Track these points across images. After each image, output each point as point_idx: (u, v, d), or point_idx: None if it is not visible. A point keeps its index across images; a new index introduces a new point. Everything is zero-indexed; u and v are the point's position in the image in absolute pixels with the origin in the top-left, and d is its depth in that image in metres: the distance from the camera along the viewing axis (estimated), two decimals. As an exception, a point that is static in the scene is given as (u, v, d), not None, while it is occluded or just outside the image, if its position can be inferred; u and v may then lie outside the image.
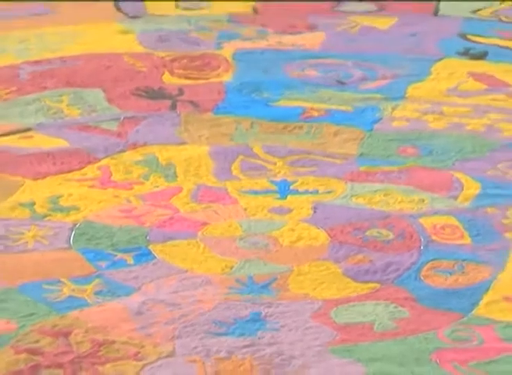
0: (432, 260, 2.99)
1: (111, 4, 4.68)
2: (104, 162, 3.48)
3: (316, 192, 3.33)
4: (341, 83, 4.01)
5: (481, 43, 4.31)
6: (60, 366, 2.54)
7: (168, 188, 3.35)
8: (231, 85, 4.03)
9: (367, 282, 2.88)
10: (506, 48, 4.26)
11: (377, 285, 2.87)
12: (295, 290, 2.85)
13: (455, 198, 3.31)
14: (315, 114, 3.81)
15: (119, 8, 4.65)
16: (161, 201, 3.28)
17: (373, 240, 3.08)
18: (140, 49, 4.31)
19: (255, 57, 4.23)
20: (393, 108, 3.85)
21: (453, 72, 4.11)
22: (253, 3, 4.72)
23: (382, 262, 2.97)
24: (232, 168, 3.46)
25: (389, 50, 4.29)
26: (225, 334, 2.65)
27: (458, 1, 4.70)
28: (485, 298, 2.82)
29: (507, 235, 3.09)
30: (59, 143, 3.60)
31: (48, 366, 2.54)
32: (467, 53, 4.25)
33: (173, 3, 4.73)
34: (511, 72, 4.08)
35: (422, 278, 2.91)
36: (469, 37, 4.36)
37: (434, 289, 2.87)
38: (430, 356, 2.59)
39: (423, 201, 3.28)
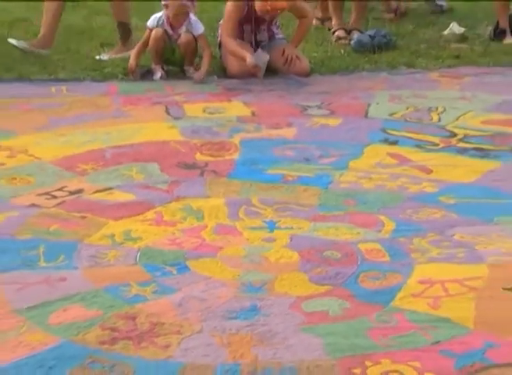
0: (365, 271, 2.99)
1: (163, 109, 4.69)
2: (158, 209, 3.47)
3: (291, 228, 3.32)
4: (307, 159, 4.01)
5: (394, 135, 4.32)
6: (130, 338, 2.54)
7: (198, 225, 3.34)
8: (238, 161, 4.02)
9: (324, 285, 2.89)
10: (410, 138, 4.27)
11: (330, 287, 2.87)
12: (278, 290, 2.86)
13: (379, 231, 3.30)
14: (290, 178, 3.81)
15: (168, 112, 4.65)
16: (194, 233, 3.27)
17: (328, 258, 3.08)
18: (181, 138, 4.29)
19: (254, 143, 4.23)
20: (340, 175, 3.84)
21: (377, 153, 4.11)
22: (252, 109, 4.72)
23: (333, 272, 2.97)
24: (239, 213, 3.45)
25: (337, 139, 4.29)
26: (235, 318, 2.66)
27: (381, 107, 4.71)
28: (399, 295, 2.82)
29: (412, 255, 3.09)
30: (130, 197, 3.60)
31: (122, 338, 2.53)
32: (386, 141, 4.24)
33: (201, 108, 4.72)
34: (414, 152, 4.08)
35: (359, 282, 2.91)
36: (387, 130, 4.36)
37: (366, 289, 2.87)
38: (364, 332, 2.59)
39: (359, 233, 3.27)
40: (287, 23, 5.84)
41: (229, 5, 5.26)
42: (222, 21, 5.34)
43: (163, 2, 5.12)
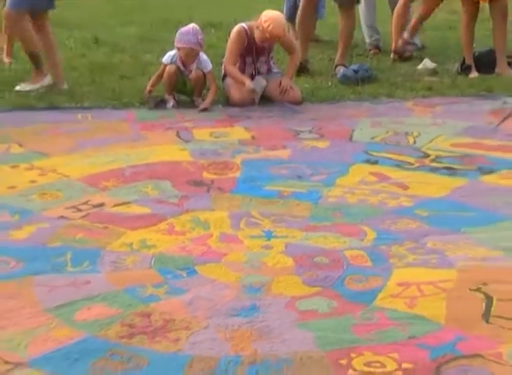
0: (350, 274, 2.98)
1: (174, 134, 4.69)
2: (170, 220, 3.46)
3: (286, 237, 3.32)
4: (299, 177, 4.01)
5: (375, 156, 4.32)
6: (145, 333, 2.54)
7: (205, 235, 3.33)
8: (240, 178, 4.02)
9: (315, 286, 2.89)
10: (389, 158, 4.27)
11: (320, 288, 2.87)
12: (275, 291, 2.86)
13: (362, 240, 3.30)
14: (285, 194, 3.80)
15: (179, 136, 4.64)
16: (201, 242, 3.26)
17: (318, 263, 3.07)
18: (190, 159, 4.28)
19: (253, 163, 4.23)
20: (328, 191, 3.83)
21: (360, 171, 4.10)
22: (251, 133, 4.73)
23: (323, 275, 2.97)
24: (240, 223, 3.45)
25: (326, 159, 4.27)
26: (236, 316, 2.65)
27: (363, 132, 4.72)
28: (379, 296, 2.82)
29: (391, 261, 3.09)
30: (146, 210, 3.59)
31: (139, 334, 2.53)
32: (368, 161, 4.24)
33: (208, 133, 4.73)
34: (392, 171, 4.07)
35: (345, 284, 2.91)
36: (369, 152, 4.36)
37: (351, 291, 2.87)
38: (349, 328, 2.59)
39: (345, 242, 3.27)
40: (282, 58, 5.84)
41: (231, 37, 5.28)
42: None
43: (176, 45, 5.15)
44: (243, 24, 5.27)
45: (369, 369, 2.34)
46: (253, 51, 5.30)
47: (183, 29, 5.20)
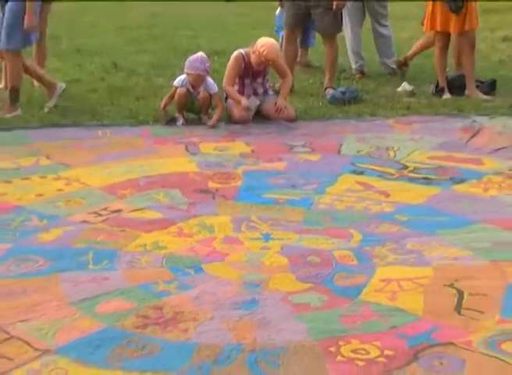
0: (338, 272, 2.98)
1: (183, 147, 4.69)
2: (179, 224, 3.46)
3: (282, 239, 3.31)
4: (293, 186, 4.01)
5: (361, 167, 4.32)
6: (157, 324, 2.53)
7: (210, 237, 3.33)
8: (241, 187, 4.01)
9: (307, 283, 2.88)
10: (372, 169, 4.26)
11: (312, 284, 2.87)
12: (272, 287, 2.85)
13: (349, 241, 3.29)
14: (281, 201, 3.80)
15: (187, 150, 4.63)
16: (206, 243, 3.26)
17: (310, 262, 3.07)
18: (197, 170, 4.28)
19: (253, 173, 4.22)
20: (319, 198, 3.83)
21: (347, 181, 4.09)
22: (251, 147, 4.73)
23: (314, 272, 2.97)
24: (241, 227, 3.44)
25: (317, 170, 4.26)
26: (238, 308, 2.65)
27: (350, 146, 4.71)
28: (364, 291, 2.82)
29: (374, 260, 3.09)
30: (158, 215, 3.59)
31: (152, 324, 2.53)
32: (354, 172, 4.24)
33: (213, 147, 4.72)
34: (376, 181, 4.06)
35: (334, 281, 2.91)
36: (355, 164, 4.35)
37: (340, 286, 2.87)
38: (338, 319, 2.59)
39: (334, 243, 3.27)
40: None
41: (230, 62, 5.29)
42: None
43: (186, 71, 5.17)
44: (241, 50, 5.29)
45: (355, 356, 2.34)
46: (250, 74, 5.30)
47: (192, 57, 5.21)
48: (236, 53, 5.29)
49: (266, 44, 5.13)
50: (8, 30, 5.11)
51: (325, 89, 5.99)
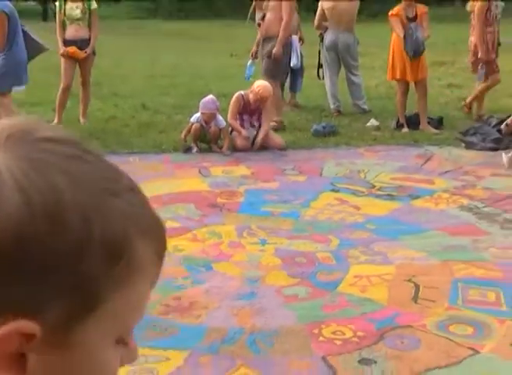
0: (320, 270, 2.98)
1: (197, 171, 4.69)
2: (193, 232, 3.45)
3: (276, 243, 3.31)
4: (285, 201, 4.00)
5: (338, 186, 4.31)
6: (177, 311, 2.52)
7: (218, 242, 3.33)
8: (243, 203, 4.01)
9: (296, 278, 2.87)
10: (347, 188, 4.26)
11: (300, 279, 2.87)
12: (268, 282, 2.85)
13: (329, 245, 3.29)
14: (275, 213, 3.79)
15: (200, 173, 4.63)
16: (215, 247, 3.26)
17: (298, 262, 3.06)
18: (208, 189, 4.28)
19: (252, 192, 4.22)
20: (305, 211, 3.83)
21: (327, 197, 4.07)
22: (251, 171, 4.73)
23: (301, 270, 2.96)
24: (243, 234, 3.44)
25: (303, 189, 4.27)
26: (240, 299, 2.64)
27: (330, 170, 4.70)
28: (341, 285, 2.81)
29: (349, 260, 3.08)
30: (177, 224, 3.55)
31: (172, 312, 2.51)
32: (333, 190, 4.23)
33: (221, 170, 4.72)
34: (350, 197, 4.05)
35: (317, 277, 2.90)
36: (334, 184, 4.35)
37: (321, 281, 2.86)
38: (320, 308, 2.58)
39: (317, 247, 3.26)
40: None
41: (232, 101, 5.33)
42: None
43: (200, 110, 5.19)
44: (241, 92, 5.34)
45: (334, 336, 2.34)
46: (248, 111, 5.33)
47: (205, 99, 5.23)
48: (236, 94, 5.33)
49: (261, 85, 5.20)
50: None
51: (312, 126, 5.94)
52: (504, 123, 5.03)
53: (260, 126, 5.44)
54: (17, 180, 0.36)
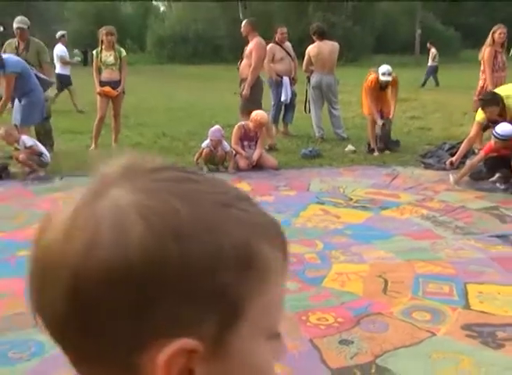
0: (308, 268, 2.97)
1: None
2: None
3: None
4: (278, 212, 3.97)
5: (322, 199, 4.28)
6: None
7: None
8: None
9: (287, 275, 2.86)
10: (330, 201, 4.23)
11: (290, 276, 2.84)
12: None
13: (315, 248, 3.28)
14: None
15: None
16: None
17: (289, 262, 3.05)
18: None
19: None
20: (295, 220, 3.82)
21: (313, 208, 4.03)
22: (251, 187, 4.71)
23: (292, 269, 2.89)
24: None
25: (293, 202, 4.16)
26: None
27: (315, 186, 4.71)
28: (325, 280, 2.80)
29: (331, 260, 3.08)
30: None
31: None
32: (318, 202, 4.21)
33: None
34: (332, 208, 4.05)
35: (305, 273, 2.89)
36: (319, 197, 4.34)
37: (309, 277, 2.85)
38: (308, 298, 2.58)
39: (305, 249, 3.24)
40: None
41: (234, 129, 5.38)
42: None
43: (209, 138, 5.22)
44: (242, 122, 5.42)
45: (319, 322, 2.35)
46: (248, 138, 5.39)
47: (213, 129, 5.28)
48: (238, 124, 5.42)
49: (259, 113, 5.30)
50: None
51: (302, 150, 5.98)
52: (449, 160, 4.95)
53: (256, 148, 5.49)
54: (138, 210, 0.33)
